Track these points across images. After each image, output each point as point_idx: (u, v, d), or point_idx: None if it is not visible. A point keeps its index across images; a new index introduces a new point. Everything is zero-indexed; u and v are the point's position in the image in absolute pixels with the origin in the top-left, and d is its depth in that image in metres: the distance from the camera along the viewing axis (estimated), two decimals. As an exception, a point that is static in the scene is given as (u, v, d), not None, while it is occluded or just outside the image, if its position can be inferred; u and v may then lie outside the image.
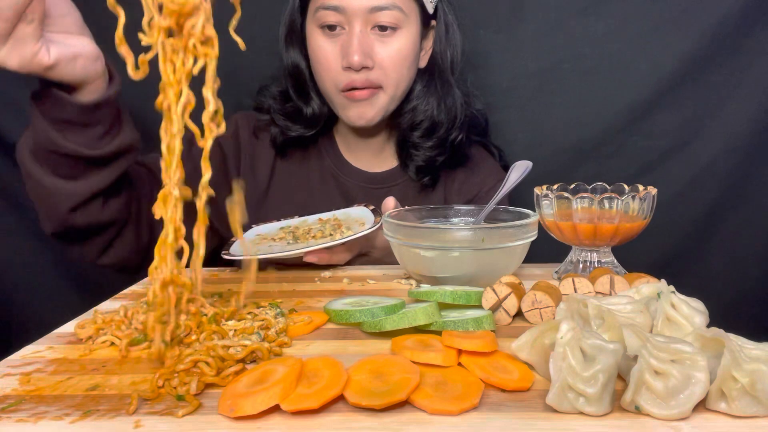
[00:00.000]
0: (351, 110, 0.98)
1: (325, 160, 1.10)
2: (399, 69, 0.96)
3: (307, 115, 1.04)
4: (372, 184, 1.09)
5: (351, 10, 0.91)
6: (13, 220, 1.30)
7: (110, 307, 0.66)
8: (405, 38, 0.95)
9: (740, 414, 0.40)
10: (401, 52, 0.96)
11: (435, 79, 1.03)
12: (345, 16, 0.92)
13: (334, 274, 0.83)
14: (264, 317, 0.59)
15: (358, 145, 1.09)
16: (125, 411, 0.43)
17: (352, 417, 0.41)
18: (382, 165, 1.11)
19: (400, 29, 0.95)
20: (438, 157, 1.04)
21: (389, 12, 0.92)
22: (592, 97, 1.26)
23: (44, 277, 1.32)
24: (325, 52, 0.95)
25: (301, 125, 1.05)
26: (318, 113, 1.04)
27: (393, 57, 0.95)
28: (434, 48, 1.04)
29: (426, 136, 1.03)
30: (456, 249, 0.70)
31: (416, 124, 1.03)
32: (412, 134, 1.04)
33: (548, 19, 1.24)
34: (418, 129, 1.03)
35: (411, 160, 1.05)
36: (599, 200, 0.72)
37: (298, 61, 1.03)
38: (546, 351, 0.46)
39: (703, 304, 0.51)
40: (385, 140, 1.09)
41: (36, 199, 0.76)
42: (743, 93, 1.23)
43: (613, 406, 0.42)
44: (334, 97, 0.98)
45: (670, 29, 1.22)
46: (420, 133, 1.03)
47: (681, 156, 1.27)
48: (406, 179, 1.09)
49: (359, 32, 0.92)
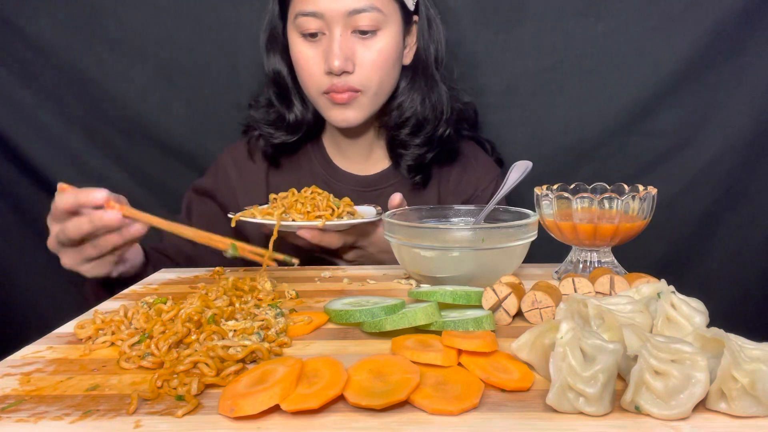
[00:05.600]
0: (334, 112, 0.98)
1: (315, 166, 1.10)
2: (381, 70, 0.96)
3: (289, 121, 1.05)
4: (364, 187, 1.09)
5: (329, 15, 0.91)
6: (13, 220, 1.30)
7: (110, 307, 0.66)
8: (386, 39, 0.95)
9: (740, 414, 0.40)
10: (383, 54, 0.95)
11: (419, 76, 1.03)
12: (324, 22, 0.92)
13: (334, 274, 0.83)
14: (264, 317, 0.59)
15: (347, 148, 1.09)
16: (125, 411, 0.43)
17: (352, 417, 0.41)
18: (373, 167, 1.11)
19: (381, 30, 0.94)
20: (427, 154, 1.04)
21: (368, 14, 0.92)
22: (592, 97, 1.26)
23: (44, 277, 1.32)
24: (306, 58, 0.96)
25: (283, 131, 1.05)
26: (300, 119, 1.05)
27: (375, 59, 0.95)
28: (418, 44, 1.03)
29: (413, 133, 1.03)
30: (456, 249, 0.70)
31: (403, 121, 1.03)
32: (400, 132, 1.03)
33: (548, 19, 1.24)
34: (406, 126, 1.03)
35: (401, 159, 1.05)
36: (599, 200, 0.72)
37: (279, 68, 1.03)
38: (546, 351, 0.46)
39: (703, 304, 0.51)
40: (374, 140, 1.09)
41: None
42: (743, 93, 1.23)
43: (613, 406, 0.42)
44: (317, 99, 0.99)
45: (670, 29, 1.21)
46: (408, 131, 1.03)
47: (681, 156, 1.27)
48: (399, 180, 1.09)
49: (339, 37, 0.92)
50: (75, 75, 1.26)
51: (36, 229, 1.32)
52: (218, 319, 0.57)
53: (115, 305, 0.67)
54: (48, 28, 1.24)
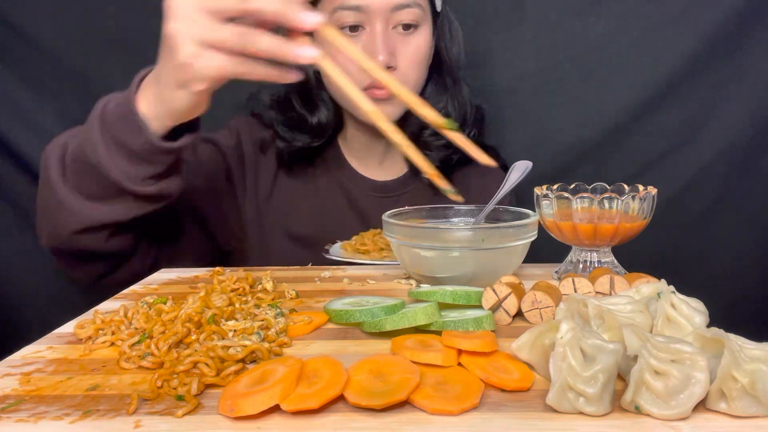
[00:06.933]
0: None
1: (332, 169, 1.07)
2: (420, 66, 0.95)
3: (312, 124, 1.01)
4: (381, 193, 1.07)
5: (373, 9, 0.89)
6: (14, 220, 1.30)
7: (110, 307, 0.66)
8: (423, 36, 0.94)
9: (740, 414, 0.40)
10: (421, 50, 0.94)
11: (444, 76, 1.02)
12: (366, 16, 0.90)
13: (334, 274, 0.83)
14: (264, 317, 0.59)
15: (363, 152, 1.07)
16: (125, 411, 0.42)
17: (352, 417, 0.41)
18: (389, 173, 1.09)
19: (419, 27, 0.94)
20: (453, 156, 1.03)
21: (411, 10, 0.91)
22: (592, 97, 1.26)
23: (44, 277, 1.32)
24: None
25: (307, 135, 1.01)
26: (325, 122, 1.01)
27: (414, 55, 0.94)
28: (442, 44, 1.02)
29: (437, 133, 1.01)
30: (456, 249, 0.70)
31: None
32: (423, 133, 1.02)
33: (548, 19, 1.24)
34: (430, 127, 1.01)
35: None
36: (599, 200, 0.72)
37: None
38: (546, 351, 0.46)
39: (703, 304, 0.51)
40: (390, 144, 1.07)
41: (43, 209, 0.73)
42: (743, 93, 1.23)
43: (613, 406, 0.42)
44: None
45: (670, 29, 1.22)
46: (431, 131, 1.01)
47: (681, 156, 1.27)
48: (416, 187, 1.07)
49: (382, 31, 0.90)
50: (75, 75, 1.26)
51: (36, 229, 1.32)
52: (218, 319, 0.57)
53: (115, 305, 0.66)
54: (48, 28, 1.24)
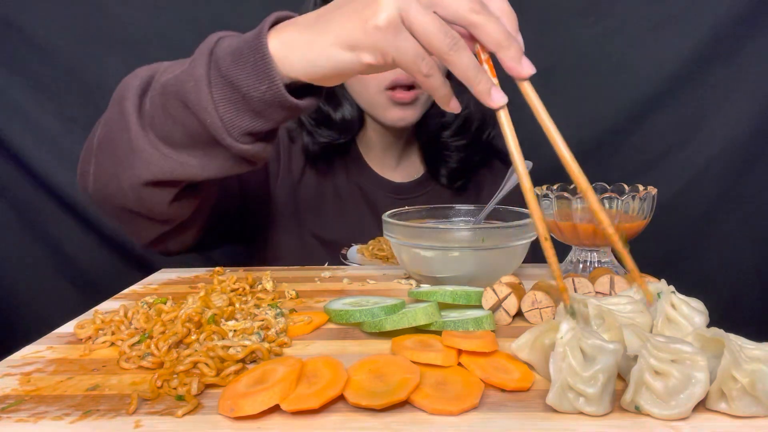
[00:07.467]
0: (392, 111, 0.94)
1: (350, 169, 1.07)
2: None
3: (336, 120, 1.00)
4: (398, 194, 1.07)
5: None
6: (13, 219, 1.30)
7: (110, 307, 0.66)
8: None
9: (740, 414, 0.40)
10: None
11: None
12: None
13: (334, 274, 0.83)
14: (264, 317, 0.59)
15: (380, 153, 1.06)
16: (125, 411, 0.43)
17: (352, 417, 0.41)
18: (406, 174, 1.09)
19: None
20: (473, 156, 1.02)
21: None
22: (592, 97, 1.26)
23: (44, 277, 1.32)
24: None
25: (333, 130, 1.01)
26: (349, 118, 1.00)
27: None
28: None
29: (458, 134, 1.00)
30: (456, 249, 0.70)
31: (448, 122, 1.00)
32: (442, 134, 1.01)
33: (548, 19, 1.24)
34: (449, 128, 1.00)
35: (443, 163, 1.02)
36: (599, 200, 0.72)
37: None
38: (546, 351, 0.46)
39: (703, 304, 0.51)
40: (406, 145, 1.06)
41: (104, 150, 0.67)
42: (743, 93, 1.23)
43: (613, 406, 0.42)
44: (376, 96, 0.94)
45: (670, 29, 1.22)
46: (451, 132, 1.00)
47: (681, 156, 1.27)
48: (433, 188, 1.07)
49: None
50: (75, 75, 1.26)
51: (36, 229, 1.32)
52: (218, 319, 0.57)
53: (115, 305, 0.66)
54: (48, 28, 1.24)
